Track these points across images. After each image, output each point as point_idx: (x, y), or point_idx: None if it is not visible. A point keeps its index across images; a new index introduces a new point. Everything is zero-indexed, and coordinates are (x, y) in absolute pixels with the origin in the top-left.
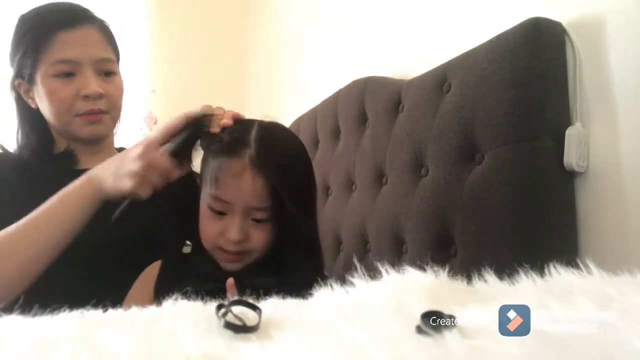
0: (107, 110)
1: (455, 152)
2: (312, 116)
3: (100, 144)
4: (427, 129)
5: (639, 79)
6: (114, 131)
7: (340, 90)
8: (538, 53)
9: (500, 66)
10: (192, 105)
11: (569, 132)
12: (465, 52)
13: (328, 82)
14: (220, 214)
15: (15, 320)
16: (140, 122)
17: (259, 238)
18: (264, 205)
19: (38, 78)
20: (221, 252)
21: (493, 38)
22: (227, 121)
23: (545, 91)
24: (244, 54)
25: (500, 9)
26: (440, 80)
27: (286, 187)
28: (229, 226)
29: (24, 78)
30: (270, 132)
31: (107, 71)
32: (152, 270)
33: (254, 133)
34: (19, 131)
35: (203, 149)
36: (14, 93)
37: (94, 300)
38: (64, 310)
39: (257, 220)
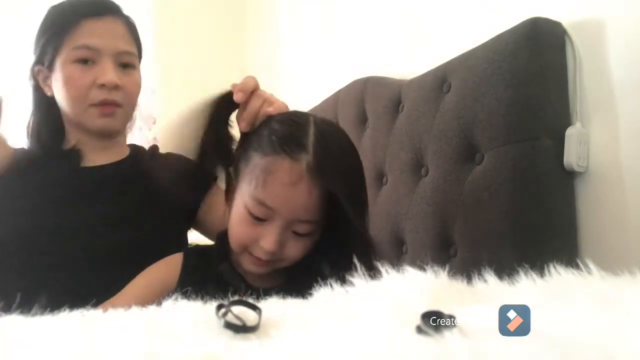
0: (122, 104)
1: (455, 152)
2: None
3: (112, 139)
4: (427, 129)
5: (639, 79)
6: (127, 129)
7: (340, 90)
8: (538, 53)
9: (500, 66)
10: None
11: (569, 132)
12: (465, 52)
13: (328, 82)
14: (259, 219)
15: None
16: (140, 122)
17: (294, 249)
18: (312, 219)
19: (58, 64)
20: (249, 256)
21: (493, 38)
22: (271, 110)
23: (545, 91)
24: (244, 54)
25: (500, 9)
26: (440, 80)
27: (345, 197)
28: (265, 234)
29: (44, 64)
30: (329, 134)
31: (127, 64)
32: (172, 263)
33: (311, 135)
34: (31, 120)
35: (243, 138)
36: (32, 81)
37: (95, 301)
38: (64, 310)
39: (297, 233)
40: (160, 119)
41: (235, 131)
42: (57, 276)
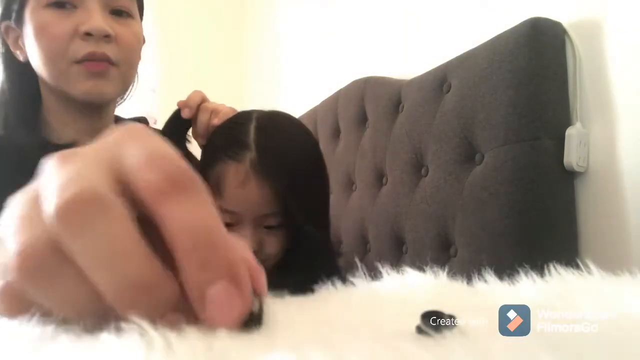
0: (116, 61)
1: (455, 152)
2: (312, 116)
3: (102, 111)
4: (427, 129)
5: (639, 79)
6: (124, 97)
7: (340, 90)
8: (538, 53)
9: (500, 66)
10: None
11: (569, 132)
12: (465, 52)
13: (328, 82)
14: (230, 225)
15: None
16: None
17: (272, 245)
18: (274, 211)
19: (27, 13)
20: None
21: (493, 38)
22: (216, 121)
23: (545, 91)
24: (244, 54)
25: (500, 9)
26: (440, 80)
27: (294, 192)
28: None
29: (11, 17)
30: (272, 127)
31: (121, 10)
32: None
33: (252, 132)
34: (6, 95)
35: (200, 145)
36: (2, 45)
37: None
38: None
39: (270, 227)
40: (160, 119)
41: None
42: None
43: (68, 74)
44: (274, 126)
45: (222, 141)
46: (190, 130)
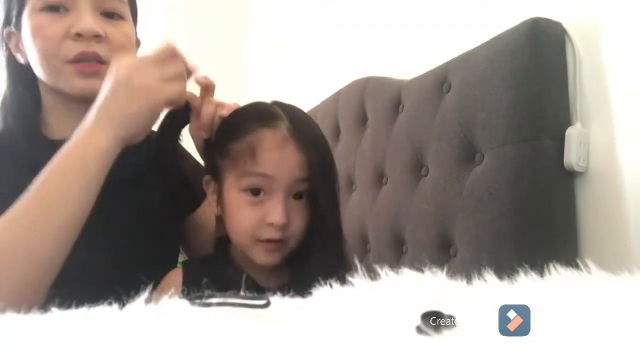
0: (108, 61)
1: (455, 152)
2: (312, 116)
3: None
4: (427, 129)
5: (639, 79)
6: None
7: (340, 90)
8: (538, 53)
9: (500, 66)
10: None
11: (569, 132)
12: (465, 52)
13: (328, 82)
14: (257, 195)
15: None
16: None
17: (298, 221)
18: (305, 176)
19: (25, 17)
20: (260, 245)
21: (493, 38)
22: (225, 112)
23: (545, 91)
24: (244, 55)
25: (500, 9)
26: (440, 80)
27: (322, 162)
28: (270, 210)
29: (11, 22)
30: (293, 108)
31: (113, 12)
32: (171, 279)
33: (279, 110)
34: (6, 95)
35: (207, 144)
36: (4, 49)
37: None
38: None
39: (297, 198)
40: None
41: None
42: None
43: (62, 73)
44: (293, 108)
45: (252, 115)
46: (188, 127)
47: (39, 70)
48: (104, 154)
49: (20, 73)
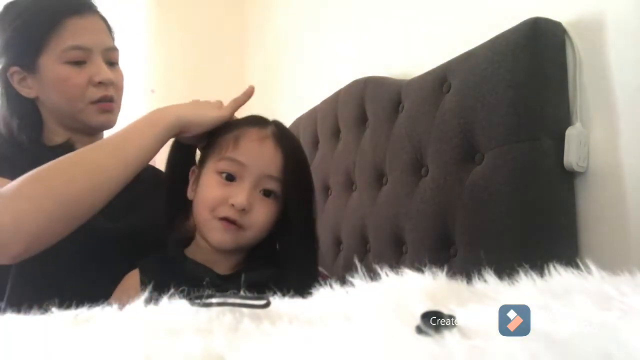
0: (115, 99)
1: (455, 152)
2: (312, 116)
3: (99, 134)
4: (427, 129)
5: (639, 79)
6: None
7: (340, 90)
8: (538, 53)
9: (500, 66)
10: None
11: (569, 132)
12: (465, 52)
13: (328, 82)
14: (230, 180)
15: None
16: None
17: (260, 213)
18: (277, 176)
19: (43, 65)
20: (217, 222)
21: (493, 38)
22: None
23: (545, 91)
24: (244, 54)
25: (500, 9)
26: (440, 80)
27: (297, 168)
28: (236, 192)
29: (19, 65)
30: (282, 124)
31: (113, 61)
32: (129, 281)
33: (269, 120)
34: (4, 123)
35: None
36: (1, 83)
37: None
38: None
39: (266, 194)
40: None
41: None
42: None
43: (85, 111)
44: (283, 124)
45: (244, 118)
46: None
47: (60, 108)
48: (169, 124)
49: (25, 106)
